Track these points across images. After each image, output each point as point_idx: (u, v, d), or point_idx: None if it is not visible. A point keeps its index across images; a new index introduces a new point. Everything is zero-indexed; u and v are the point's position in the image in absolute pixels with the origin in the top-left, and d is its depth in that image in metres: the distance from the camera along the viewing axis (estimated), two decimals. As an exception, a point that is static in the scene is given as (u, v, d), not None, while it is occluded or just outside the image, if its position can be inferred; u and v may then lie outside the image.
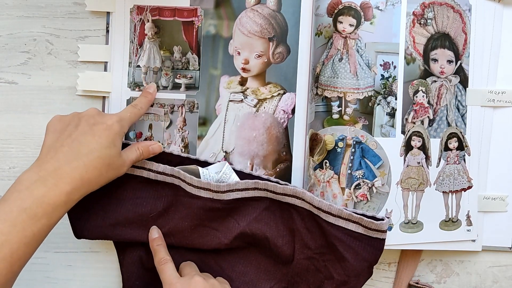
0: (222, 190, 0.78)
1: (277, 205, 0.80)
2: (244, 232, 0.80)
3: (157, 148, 0.80)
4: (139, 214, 0.81)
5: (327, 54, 0.83)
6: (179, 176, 0.79)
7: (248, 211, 0.80)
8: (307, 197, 0.77)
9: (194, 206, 0.79)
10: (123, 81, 0.86)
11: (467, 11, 0.85)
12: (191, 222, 0.80)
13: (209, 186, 0.78)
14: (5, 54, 0.87)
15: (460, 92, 0.85)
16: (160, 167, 0.79)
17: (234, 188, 0.78)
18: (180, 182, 0.79)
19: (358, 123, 0.82)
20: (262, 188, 0.79)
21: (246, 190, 0.79)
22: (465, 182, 0.85)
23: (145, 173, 0.80)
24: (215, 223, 0.81)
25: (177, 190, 0.80)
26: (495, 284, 0.88)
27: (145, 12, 0.85)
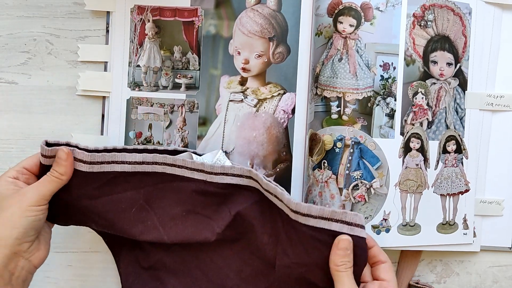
0: (216, 171, 0.75)
1: (267, 202, 0.75)
2: (236, 220, 0.76)
3: (61, 154, 0.73)
4: (119, 212, 0.76)
5: (327, 54, 0.83)
6: (166, 161, 0.75)
7: (240, 200, 0.76)
8: (285, 199, 0.71)
9: (186, 189, 0.76)
10: (123, 81, 0.86)
11: (467, 14, 0.84)
12: (184, 207, 0.76)
13: (202, 167, 0.75)
14: (5, 54, 0.87)
15: (459, 95, 0.85)
16: (137, 156, 0.75)
17: (229, 172, 0.75)
18: (165, 167, 0.75)
19: (357, 124, 0.82)
20: (254, 179, 0.75)
21: (240, 177, 0.75)
22: (463, 185, 0.85)
23: (118, 167, 0.75)
24: (208, 210, 0.76)
25: (160, 177, 0.76)
26: (495, 284, 0.88)
27: (146, 12, 0.85)
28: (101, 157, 0.74)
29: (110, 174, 0.75)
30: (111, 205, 0.76)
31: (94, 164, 0.74)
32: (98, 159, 0.74)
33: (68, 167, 0.73)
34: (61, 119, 0.87)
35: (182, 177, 0.75)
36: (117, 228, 0.77)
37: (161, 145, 0.86)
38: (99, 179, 0.75)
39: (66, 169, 0.72)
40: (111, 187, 0.75)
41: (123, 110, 0.86)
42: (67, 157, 0.72)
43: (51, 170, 0.73)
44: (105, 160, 0.74)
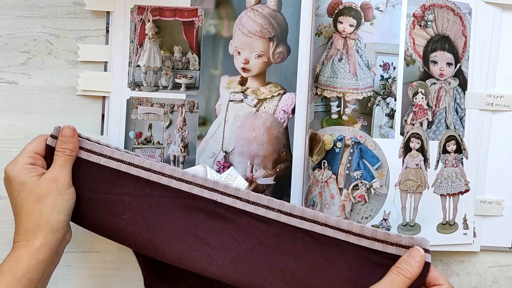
0: (229, 192, 0.71)
1: (290, 233, 0.69)
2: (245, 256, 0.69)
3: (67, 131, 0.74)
4: (111, 213, 0.73)
5: (327, 54, 0.83)
6: (173, 174, 0.72)
7: (253, 232, 0.70)
8: (332, 222, 0.68)
9: (191, 208, 0.71)
10: (123, 81, 0.86)
11: (467, 14, 0.84)
12: (184, 228, 0.71)
13: (215, 186, 0.71)
14: (5, 54, 0.87)
15: (459, 95, 0.85)
16: (145, 162, 0.73)
17: (243, 197, 0.71)
18: (171, 180, 0.72)
19: (357, 124, 0.82)
20: (275, 209, 0.70)
21: (257, 205, 0.70)
22: (463, 185, 0.85)
23: (123, 167, 0.73)
24: (211, 236, 0.70)
25: (163, 190, 0.72)
26: (495, 284, 0.88)
27: (146, 12, 0.85)
28: (110, 152, 0.74)
29: (114, 171, 0.74)
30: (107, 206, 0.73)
31: (102, 156, 0.74)
32: (107, 152, 0.74)
33: (76, 143, 0.74)
34: (61, 119, 0.87)
35: (189, 194, 0.72)
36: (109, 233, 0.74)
37: (161, 145, 0.86)
38: (103, 174, 0.74)
39: (74, 144, 0.74)
40: (111, 185, 0.74)
41: (123, 110, 0.86)
42: (73, 134, 0.74)
43: (61, 149, 0.73)
44: (113, 156, 0.74)
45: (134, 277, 0.88)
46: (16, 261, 0.69)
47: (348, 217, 0.82)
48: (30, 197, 0.70)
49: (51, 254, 0.70)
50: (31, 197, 0.70)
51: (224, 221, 0.71)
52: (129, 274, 0.88)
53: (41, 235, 0.70)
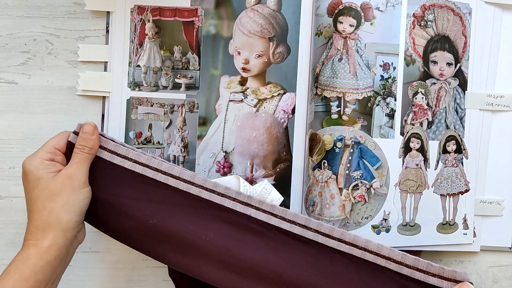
0: (264, 208, 0.68)
1: (327, 254, 0.68)
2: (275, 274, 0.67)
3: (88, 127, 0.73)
4: (133, 219, 0.70)
5: (327, 54, 0.83)
6: (205, 185, 0.69)
7: (287, 251, 0.68)
8: (372, 247, 0.67)
9: (222, 220, 0.69)
10: (123, 81, 0.86)
11: (467, 14, 0.84)
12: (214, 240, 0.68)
13: (249, 201, 0.69)
14: (5, 54, 0.87)
15: (459, 95, 0.85)
16: (174, 169, 0.70)
17: (279, 214, 0.68)
18: (201, 191, 0.69)
19: (357, 124, 0.82)
20: (313, 229, 0.68)
21: (293, 223, 0.68)
22: (463, 185, 0.85)
23: (149, 172, 0.71)
24: (243, 252, 0.68)
25: (193, 199, 0.69)
26: (495, 284, 0.88)
27: (146, 12, 0.85)
28: (136, 155, 0.71)
29: (139, 176, 0.71)
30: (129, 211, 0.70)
31: (127, 159, 0.72)
32: (132, 156, 0.72)
33: (96, 141, 0.72)
34: (61, 119, 0.87)
35: (221, 206, 0.69)
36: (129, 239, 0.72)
37: (161, 145, 0.86)
38: (127, 177, 0.71)
39: (94, 142, 0.72)
40: (134, 190, 0.71)
41: (123, 110, 0.86)
42: (94, 131, 0.72)
43: (80, 146, 0.72)
44: (139, 160, 0.71)
45: (134, 277, 0.88)
46: (24, 261, 0.67)
47: (348, 217, 0.82)
48: (43, 194, 0.69)
49: (60, 254, 0.69)
50: (44, 194, 0.69)
51: (257, 236, 0.68)
52: (129, 274, 0.88)
53: (50, 234, 0.68)
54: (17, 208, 0.86)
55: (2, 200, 0.87)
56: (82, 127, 0.72)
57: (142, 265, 0.88)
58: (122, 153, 0.72)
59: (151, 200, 0.70)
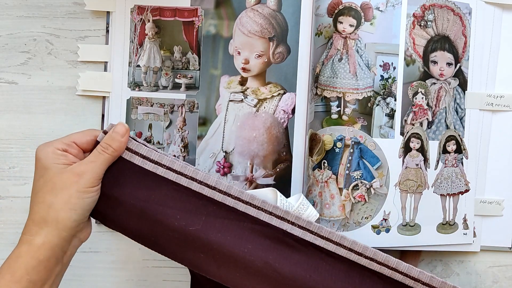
0: (301, 224, 0.68)
1: (358, 271, 0.68)
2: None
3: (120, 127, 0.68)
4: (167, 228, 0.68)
5: (327, 54, 0.83)
6: (241, 196, 0.68)
7: (321, 265, 0.68)
8: (403, 268, 0.67)
9: (258, 234, 0.68)
10: (123, 81, 0.86)
11: (467, 14, 0.84)
12: (253, 250, 0.67)
13: (286, 216, 0.68)
14: (5, 54, 0.87)
15: (459, 95, 0.85)
16: (210, 179, 0.68)
17: (315, 231, 0.68)
18: (237, 203, 0.68)
19: (357, 124, 0.82)
20: (347, 247, 0.68)
21: (328, 241, 0.68)
22: (462, 185, 0.85)
23: (184, 181, 0.68)
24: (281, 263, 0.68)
25: (228, 211, 0.68)
26: (495, 284, 0.88)
27: (146, 12, 0.85)
28: (170, 162, 0.68)
29: (172, 184, 0.68)
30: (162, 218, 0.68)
31: (160, 166, 0.68)
32: (166, 162, 0.68)
33: (123, 143, 0.68)
34: (61, 119, 0.87)
35: (256, 219, 0.68)
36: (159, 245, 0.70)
37: (161, 145, 0.86)
38: (159, 184, 0.68)
39: (121, 145, 0.68)
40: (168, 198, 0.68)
41: (123, 110, 0.86)
42: (125, 133, 0.68)
43: (104, 145, 0.67)
44: (173, 167, 0.68)
45: (134, 277, 0.88)
46: (15, 259, 0.64)
47: (348, 217, 0.82)
48: (47, 186, 0.65)
49: (54, 254, 0.65)
50: (47, 186, 0.65)
51: (292, 251, 0.68)
52: (129, 274, 0.88)
53: (44, 231, 0.64)
54: (17, 208, 0.87)
55: (2, 200, 0.87)
56: (114, 126, 0.68)
57: (142, 265, 0.88)
58: (155, 159, 0.68)
59: (185, 209, 0.68)
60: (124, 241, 0.72)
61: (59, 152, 0.67)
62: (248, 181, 0.85)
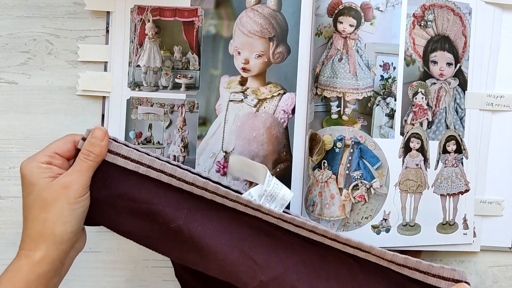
0: (274, 215, 0.69)
1: (334, 255, 0.69)
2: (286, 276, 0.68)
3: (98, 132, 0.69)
4: (155, 223, 0.70)
5: (327, 54, 0.83)
6: (217, 191, 0.69)
7: (296, 251, 0.69)
8: (377, 252, 0.67)
9: (236, 222, 0.70)
10: (123, 81, 0.86)
11: (467, 14, 0.84)
12: (229, 242, 0.69)
13: (259, 208, 0.69)
14: (5, 54, 0.87)
15: (459, 95, 0.85)
16: (188, 176, 0.69)
17: (288, 220, 0.69)
18: (214, 197, 0.69)
19: (357, 124, 0.82)
20: (320, 233, 0.69)
21: (302, 228, 0.69)
22: (463, 185, 0.85)
23: (165, 178, 0.69)
24: (256, 251, 0.69)
25: (208, 203, 0.70)
26: (495, 284, 0.88)
27: (146, 12, 0.85)
28: (150, 161, 0.69)
29: (154, 181, 0.69)
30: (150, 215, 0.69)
31: (141, 165, 0.69)
32: (146, 161, 0.69)
33: (103, 148, 0.68)
34: (61, 119, 0.87)
35: (233, 209, 0.70)
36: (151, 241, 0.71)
37: (161, 145, 0.86)
38: (143, 183, 0.69)
39: (102, 149, 0.68)
40: (152, 195, 0.69)
41: (123, 110, 0.86)
42: (103, 137, 0.68)
43: (86, 152, 0.67)
44: (154, 166, 0.69)
45: (134, 277, 0.88)
46: (15, 272, 0.64)
47: (348, 217, 0.82)
48: (37, 202, 0.65)
49: (53, 267, 0.65)
50: (38, 202, 0.65)
51: (268, 237, 0.70)
52: (129, 274, 0.88)
53: (43, 247, 0.64)
54: (17, 208, 0.86)
55: (2, 200, 0.87)
56: (92, 131, 0.69)
57: (142, 265, 0.88)
58: (136, 159, 0.69)
59: (168, 205, 0.69)
60: (124, 241, 0.71)
61: (43, 165, 0.67)
62: (248, 181, 0.85)
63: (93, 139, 0.68)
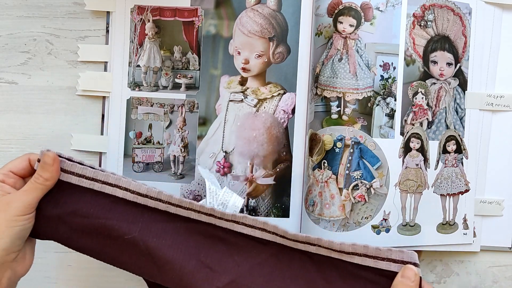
0: (227, 218, 0.70)
1: (286, 252, 0.70)
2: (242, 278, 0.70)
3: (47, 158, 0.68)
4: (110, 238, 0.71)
5: (327, 54, 0.83)
6: (171, 200, 0.70)
7: (251, 254, 0.70)
8: (325, 243, 0.68)
9: (192, 231, 0.71)
10: (123, 81, 0.86)
11: (467, 14, 0.84)
12: (184, 251, 0.70)
13: (212, 212, 0.70)
14: (5, 54, 0.87)
15: (459, 95, 0.85)
16: (142, 188, 0.70)
17: (240, 221, 0.70)
18: (169, 206, 0.71)
19: (357, 124, 0.82)
20: (270, 231, 0.70)
21: (253, 228, 0.70)
22: (462, 185, 0.85)
23: (119, 193, 0.70)
24: (211, 259, 0.70)
25: (162, 215, 0.71)
26: (495, 284, 0.88)
27: (146, 12, 0.85)
28: (105, 176, 0.70)
29: (109, 197, 0.71)
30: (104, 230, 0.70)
31: (96, 181, 0.70)
32: (101, 177, 0.70)
33: (54, 172, 0.68)
34: (61, 119, 0.87)
35: (187, 218, 0.71)
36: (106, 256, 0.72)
37: (161, 145, 0.86)
38: (97, 199, 0.71)
39: (52, 174, 0.68)
40: (107, 211, 0.70)
41: (123, 110, 0.86)
42: (53, 162, 0.68)
43: (36, 175, 0.68)
44: (108, 181, 0.70)
45: (134, 277, 0.88)
46: None
47: (348, 217, 0.82)
48: None
49: None
50: None
51: (223, 243, 0.71)
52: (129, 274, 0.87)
53: None
54: (17, 208, 0.87)
55: (2, 200, 0.87)
56: (42, 155, 0.69)
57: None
58: (91, 176, 0.70)
59: (123, 219, 0.70)
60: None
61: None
62: (248, 181, 0.85)
63: (43, 164, 0.68)
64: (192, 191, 0.86)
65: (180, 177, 0.86)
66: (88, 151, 0.87)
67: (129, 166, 0.86)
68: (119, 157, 0.86)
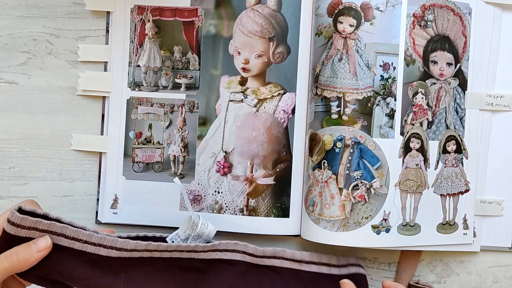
0: (206, 250, 0.74)
1: (254, 270, 0.78)
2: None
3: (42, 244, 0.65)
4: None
5: (327, 54, 0.83)
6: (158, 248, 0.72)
7: (224, 277, 0.76)
8: (288, 254, 0.78)
9: (172, 268, 0.74)
10: (123, 81, 0.86)
11: (467, 14, 0.84)
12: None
13: (194, 248, 0.73)
14: (5, 54, 0.87)
15: (459, 95, 0.85)
16: (129, 244, 0.70)
17: (217, 249, 0.75)
18: (153, 253, 0.72)
19: (357, 124, 0.82)
20: (240, 251, 0.77)
21: (226, 251, 0.76)
22: (463, 185, 0.85)
23: (103, 251, 0.70)
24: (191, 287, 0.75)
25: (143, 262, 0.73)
26: (495, 284, 0.88)
27: (146, 12, 0.85)
28: (88, 236, 0.69)
29: (92, 255, 0.70)
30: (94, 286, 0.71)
31: (77, 241, 0.69)
32: (83, 237, 0.69)
33: (37, 259, 0.64)
34: (61, 119, 0.87)
35: (169, 258, 0.74)
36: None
37: (161, 145, 0.86)
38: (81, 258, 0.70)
39: (32, 260, 0.64)
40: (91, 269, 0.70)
41: (123, 110, 0.86)
42: (44, 249, 0.65)
43: (15, 251, 0.64)
44: (91, 240, 0.70)
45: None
46: None
47: (348, 217, 0.82)
48: None
49: None
50: None
51: (200, 272, 0.75)
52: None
53: None
54: (17, 208, 0.87)
55: (2, 200, 0.87)
56: (39, 238, 0.67)
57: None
58: (71, 235, 0.69)
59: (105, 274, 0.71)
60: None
61: None
62: (248, 181, 0.85)
63: (32, 244, 0.65)
64: (192, 191, 0.86)
65: (180, 177, 0.86)
66: (88, 151, 0.87)
67: (129, 166, 0.86)
68: (119, 157, 0.86)
